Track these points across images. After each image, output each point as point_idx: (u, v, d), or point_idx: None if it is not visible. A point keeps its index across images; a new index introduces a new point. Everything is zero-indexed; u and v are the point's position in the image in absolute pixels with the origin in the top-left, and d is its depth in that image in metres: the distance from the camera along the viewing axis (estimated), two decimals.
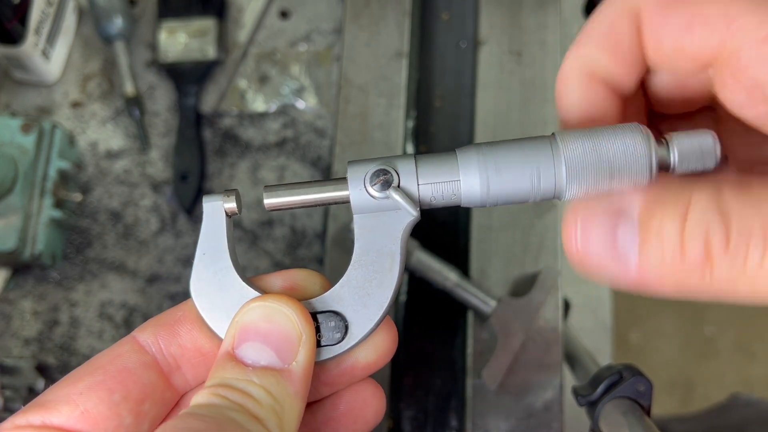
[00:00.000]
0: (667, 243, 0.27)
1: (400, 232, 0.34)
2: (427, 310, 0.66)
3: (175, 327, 0.35)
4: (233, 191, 0.35)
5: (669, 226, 0.27)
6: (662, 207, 0.27)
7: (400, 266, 0.34)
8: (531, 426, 0.61)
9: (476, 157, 0.33)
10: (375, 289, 0.34)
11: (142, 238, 0.73)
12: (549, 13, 0.73)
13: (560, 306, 0.63)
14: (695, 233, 0.26)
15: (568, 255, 0.30)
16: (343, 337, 0.34)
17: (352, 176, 0.34)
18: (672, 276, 0.27)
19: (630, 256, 0.28)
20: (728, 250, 0.26)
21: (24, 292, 0.73)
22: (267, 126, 0.76)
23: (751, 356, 1.74)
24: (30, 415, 0.31)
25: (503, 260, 0.66)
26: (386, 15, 0.74)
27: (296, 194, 0.34)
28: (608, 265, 0.28)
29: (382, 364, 0.36)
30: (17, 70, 0.76)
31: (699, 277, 0.27)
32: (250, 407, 0.30)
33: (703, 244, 0.26)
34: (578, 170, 0.31)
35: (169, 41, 0.78)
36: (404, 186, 0.33)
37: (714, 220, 0.26)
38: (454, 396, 0.65)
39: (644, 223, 0.27)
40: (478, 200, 0.33)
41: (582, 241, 0.29)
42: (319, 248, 0.72)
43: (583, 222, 0.29)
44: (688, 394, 1.72)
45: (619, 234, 0.28)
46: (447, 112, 0.73)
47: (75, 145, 0.76)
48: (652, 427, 0.47)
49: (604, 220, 0.28)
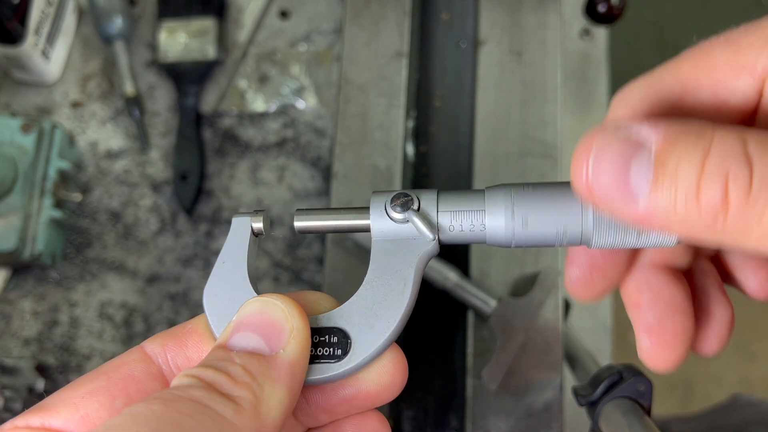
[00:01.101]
0: (683, 183, 0.25)
1: (416, 258, 0.34)
2: (427, 310, 0.66)
3: (184, 339, 0.34)
4: (262, 211, 0.36)
5: (687, 166, 0.25)
6: (682, 145, 0.26)
7: (413, 292, 0.34)
8: (531, 426, 0.61)
9: (503, 195, 0.33)
10: (383, 311, 0.33)
11: (142, 238, 0.73)
12: (549, 13, 0.73)
13: (560, 306, 0.63)
14: (715, 177, 0.25)
15: (574, 182, 0.28)
16: (344, 354, 0.33)
17: (374, 201, 0.34)
18: (681, 218, 0.26)
19: (640, 192, 0.26)
20: (749, 197, 0.24)
21: (24, 292, 0.73)
22: (267, 126, 0.76)
23: (751, 356, 1.74)
24: (30, 417, 0.31)
25: (503, 260, 0.66)
26: (386, 15, 0.74)
27: (324, 219, 0.35)
28: (616, 197, 0.27)
29: (387, 398, 0.34)
30: (17, 70, 0.76)
31: (710, 222, 0.25)
32: (221, 385, 0.28)
33: (722, 189, 0.25)
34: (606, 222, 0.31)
35: (169, 41, 0.77)
36: (424, 210, 0.33)
37: (737, 165, 0.25)
38: (454, 396, 0.64)
39: (660, 159, 0.26)
40: (503, 237, 0.33)
41: (593, 170, 0.27)
42: (319, 248, 0.71)
43: (597, 151, 0.27)
44: (688, 394, 1.72)
45: (633, 167, 0.26)
46: (447, 112, 0.73)
47: (75, 145, 0.76)
48: (652, 427, 0.47)
49: (619, 151, 0.27)
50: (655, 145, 0.26)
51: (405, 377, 0.34)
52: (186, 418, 0.26)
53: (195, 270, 0.72)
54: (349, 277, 0.65)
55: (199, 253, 0.73)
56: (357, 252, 0.65)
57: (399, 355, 0.34)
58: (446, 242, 0.34)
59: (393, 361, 0.33)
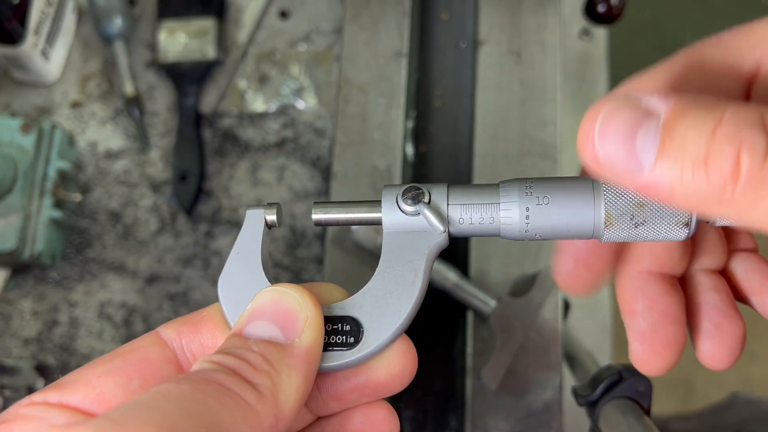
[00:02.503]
0: (691, 151, 0.24)
1: (427, 249, 0.35)
2: (426, 310, 0.66)
3: (198, 326, 0.35)
4: (275, 204, 0.37)
5: (696, 134, 0.24)
6: (692, 113, 0.25)
7: (423, 283, 0.35)
8: (531, 426, 0.61)
9: (518, 188, 0.33)
10: (395, 300, 0.34)
11: (141, 239, 0.73)
12: (549, 13, 0.73)
13: (560, 306, 0.63)
14: (726, 144, 0.24)
15: (580, 150, 0.28)
16: (356, 342, 0.34)
17: (386, 194, 0.35)
18: (687, 188, 0.25)
19: (646, 158, 0.26)
20: (763, 166, 0.24)
21: (24, 292, 0.73)
22: (267, 126, 0.76)
23: (751, 356, 1.74)
24: (47, 394, 0.31)
25: (503, 260, 0.66)
26: (386, 15, 0.74)
27: (339, 212, 0.36)
28: (622, 166, 0.26)
29: (397, 387, 0.35)
30: (17, 70, 0.76)
31: (718, 193, 0.24)
32: (242, 370, 0.29)
33: (734, 158, 0.24)
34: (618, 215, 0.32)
35: (169, 41, 0.78)
36: (434, 203, 0.34)
37: (752, 134, 0.24)
38: (454, 396, 0.64)
39: (668, 126, 0.25)
40: (516, 229, 0.33)
41: (599, 137, 0.27)
42: (318, 248, 0.72)
43: (605, 117, 0.27)
44: (688, 394, 1.72)
45: (639, 135, 0.26)
46: (447, 112, 0.73)
47: (75, 145, 0.76)
48: (651, 427, 0.47)
49: (626, 118, 0.26)
50: (664, 114, 0.25)
51: (415, 367, 0.35)
52: (212, 400, 0.27)
53: (195, 270, 0.72)
54: (349, 277, 0.65)
55: (198, 253, 0.73)
56: (357, 252, 0.65)
57: (409, 346, 0.35)
58: (457, 235, 0.35)
59: (403, 351, 0.34)
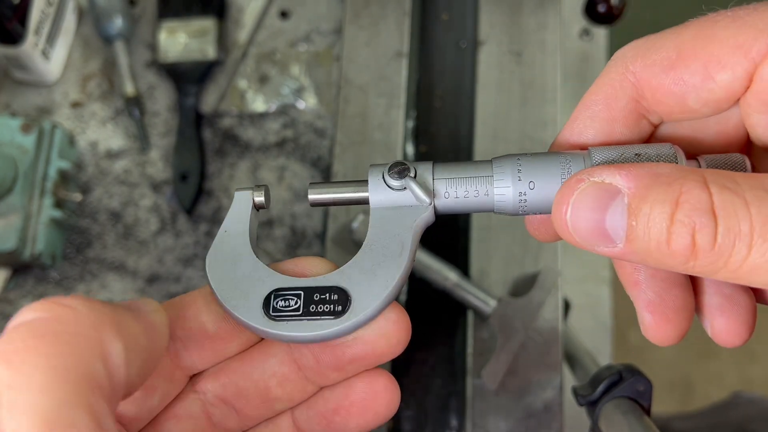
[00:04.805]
0: (654, 231, 0.28)
1: (413, 222, 0.35)
2: (426, 310, 0.66)
3: (184, 310, 0.36)
4: (263, 186, 0.37)
5: (658, 218, 0.28)
6: (653, 196, 0.28)
7: (410, 255, 0.35)
8: (531, 426, 0.61)
9: (510, 161, 0.34)
10: (382, 270, 0.35)
11: (142, 238, 0.73)
12: (549, 13, 0.73)
13: (560, 306, 0.63)
14: (682, 228, 0.28)
15: (557, 227, 0.31)
16: (344, 311, 0.34)
17: (372, 171, 0.36)
18: (656, 258, 0.29)
19: (617, 237, 0.29)
20: (714, 247, 0.27)
21: (24, 292, 0.73)
22: (267, 126, 0.76)
23: (751, 356, 1.74)
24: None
25: (503, 260, 0.66)
26: (386, 15, 0.74)
27: (330, 192, 0.37)
28: (596, 241, 0.30)
29: (392, 353, 0.36)
30: (17, 70, 0.76)
31: (682, 262, 0.28)
32: None
33: (690, 239, 0.28)
34: None
35: (169, 41, 0.78)
36: (421, 177, 0.35)
37: (702, 221, 0.27)
38: (454, 396, 0.65)
39: (634, 210, 0.29)
40: (510, 203, 0.34)
41: (572, 218, 0.30)
42: (318, 248, 0.72)
43: (575, 202, 0.30)
44: (688, 394, 1.72)
45: (608, 214, 0.29)
46: (447, 112, 0.73)
47: (75, 145, 0.76)
48: (652, 427, 0.47)
49: (595, 200, 0.30)
50: (627, 196, 0.29)
51: (408, 334, 0.36)
52: None
53: (195, 270, 0.72)
54: None
55: (199, 253, 0.73)
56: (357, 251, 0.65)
57: (401, 313, 0.35)
58: (444, 210, 0.35)
59: (395, 318, 0.35)
